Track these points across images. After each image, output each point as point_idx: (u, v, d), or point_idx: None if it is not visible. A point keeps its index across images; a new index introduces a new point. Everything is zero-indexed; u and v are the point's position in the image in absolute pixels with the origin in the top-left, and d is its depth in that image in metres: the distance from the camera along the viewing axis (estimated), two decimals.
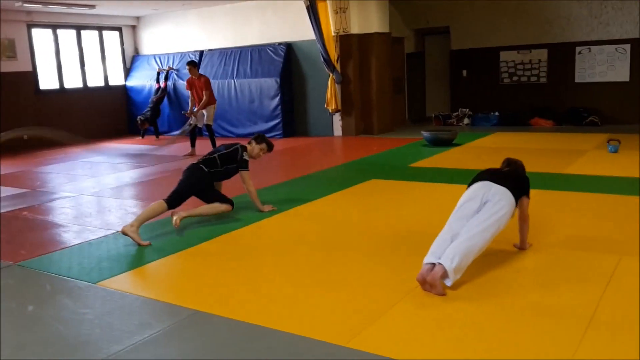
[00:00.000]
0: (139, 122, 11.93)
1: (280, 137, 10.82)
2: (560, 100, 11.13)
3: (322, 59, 10.48)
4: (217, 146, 5.26)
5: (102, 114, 12.84)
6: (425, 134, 8.97)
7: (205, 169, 5.02)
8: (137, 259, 4.12)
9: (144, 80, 13.03)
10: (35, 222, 5.36)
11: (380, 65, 10.65)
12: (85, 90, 12.56)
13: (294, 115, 11.37)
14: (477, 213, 3.45)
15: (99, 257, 4.22)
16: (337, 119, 10.94)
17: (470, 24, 11.90)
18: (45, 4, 10.39)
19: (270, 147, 5.53)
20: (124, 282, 3.65)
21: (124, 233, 4.39)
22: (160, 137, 12.07)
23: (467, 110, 11.91)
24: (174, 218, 4.65)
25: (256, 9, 11.51)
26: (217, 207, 4.98)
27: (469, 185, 3.77)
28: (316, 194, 5.88)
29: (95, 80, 12.78)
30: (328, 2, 10.33)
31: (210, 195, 5.01)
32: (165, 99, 12.47)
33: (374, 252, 4.01)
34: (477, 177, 3.77)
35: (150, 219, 4.61)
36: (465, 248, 3.24)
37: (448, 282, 3.18)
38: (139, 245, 4.37)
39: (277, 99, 11.06)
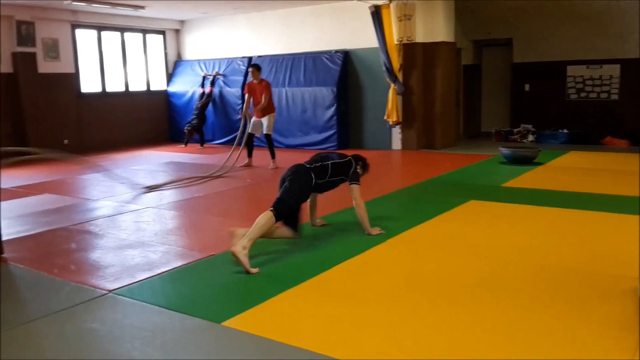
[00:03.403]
0: (187, 131, 11.37)
1: (334, 149, 10.19)
2: (634, 119, 10.45)
3: (383, 68, 9.87)
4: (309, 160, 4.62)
5: (144, 120, 12.30)
6: (504, 150, 8.31)
7: (314, 177, 4.38)
8: (255, 291, 3.47)
9: (186, 85, 12.48)
10: (109, 239, 4.73)
11: (445, 76, 10.04)
12: (127, 94, 12.02)
13: (349, 126, 10.75)
14: None
15: (208, 286, 3.59)
16: (396, 131, 10.31)
17: (536, 36, 11.27)
18: (95, 3, 9.87)
19: (367, 170, 4.97)
20: (254, 323, 3.00)
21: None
22: (205, 145, 11.50)
23: (530, 126, 11.25)
24: (241, 257, 3.73)
25: (311, 14, 10.95)
26: (285, 232, 4.27)
27: None
28: (415, 216, 5.23)
29: (137, 85, 12.24)
30: (392, 8, 9.74)
31: (297, 213, 4.36)
32: (210, 105, 11.91)
33: (539, 295, 3.33)
34: None
35: (261, 236, 3.98)
36: None
37: None
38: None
39: (332, 109, 10.46)
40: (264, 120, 8.51)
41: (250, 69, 8.57)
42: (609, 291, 3.31)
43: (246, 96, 8.63)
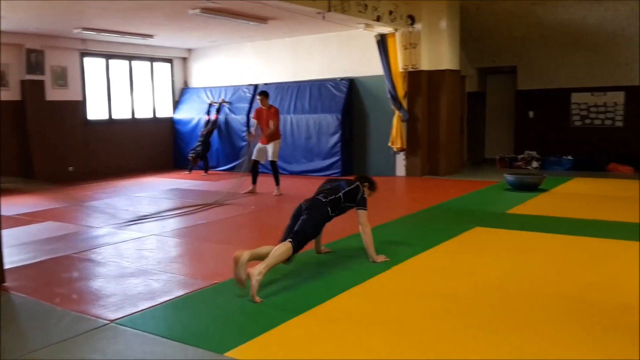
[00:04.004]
0: (191, 158, 11.42)
1: (338, 176, 10.18)
2: (638, 145, 10.43)
3: (388, 96, 9.93)
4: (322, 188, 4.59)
5: (149, 146, 12.37)
6: (509, 177, 8.29)
7: (329, 210, 4.38)
8: (258, 320, 3.42)
9: (192, 113, 12.58)
10: (111, 267, 4.71)
11: (450, 103, 10.08)
12: (133, 121, 12.11)
13: (353, 153, 10.77)
14: None
15: (211, 316, 3.55)
16: (400, 158, 10.32)
17: (540, 64, 11.35)
18: (104, 32, 10.01)
19: (375, 189, 4.96)
20: (258, 353, 2.96)
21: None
22: (209, 171, 11.53)
23: (535, 153, 11.24)
24: (254, 281, 3.73)
25: (318, 42, 11.07)
26: (288, 253, 4.06)
27: None
28: (420, 243, 5.19)
29: (143, 112, 12.35)
30: (397, 37, 9.84)
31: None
32: (216, 132, 11.97)
33: (544, 325, 3.27)
34: None
35: (276, 264, 3.96)
36: None
37: None
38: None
39: (337, 136, 10.50)
40: (270, 147, 8.53)
41: (258, 97, 8.62)
42: (614, 321, 3.25)
43: (253, 121, 8.69)
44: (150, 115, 12.51)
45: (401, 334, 3.16)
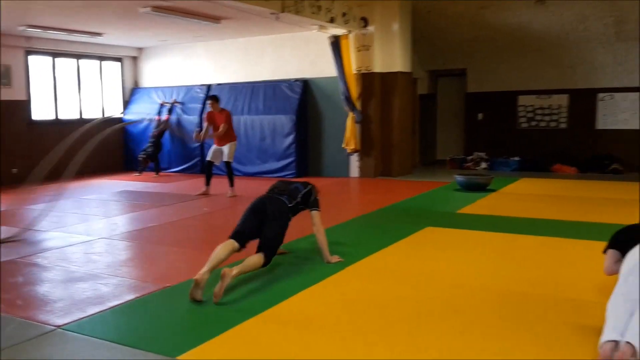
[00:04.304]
0: (141, 159, 11.20)
1: (292, 177, 10.19)
2: (582, 147, 10.86)
3: (342, 97, 10.01)
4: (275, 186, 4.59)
5: (98, 147, 11.97)
6: (459, 178, 8.49)
7: (291, 215, 4.39)
8: (211, 323, 3.38)
9: (142, 113, 12.32)
10: (57, 272, 4.57)
11: (402, 105, 10.23)
12: (81, 122, 11.71)
13: (307, 154, 10.80)
14: None
15: (163, 319, 3.50)
16: (354, 159, 10.41)
17: (489, 67, 11.66)
18: (50, 29, 9.70)
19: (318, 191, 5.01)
20: (211, 356, 2.93)
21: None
22: (160, 173, 11.33)
23: (483, 154, 11.54)
24: (227, 280, 3.72)
25: (271, 43, 11.04)
26: (259, 264, 4.06)
27: (617, 243, 3.27)
28: (373, 243, 5.26)
29: (91, 112, 12.02)
30: (351, 39, 9.93)
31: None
32: (167, 133, 11.78)
33: (495, 320, 3.38)
34: (628, 236, 3.27)
35: (217, 264, 3.93)
36: None
37: None
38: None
39: (291, 137, 10.50)
40: (225, 149, 8.45)
41: (209, 102, 8.54)
42: (559, 315, 3.38)
43: (205, 124, 8.60)
44: (99, 116, 12.19)
45: (353, 336, 3.19)
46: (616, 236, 3.47)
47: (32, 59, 10.84)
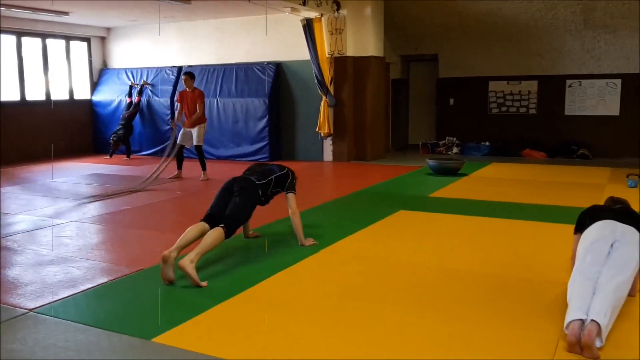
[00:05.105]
0: (112, 142, 11.01)
1: (266, 161, 10.16)
2: (550, 133, 11.08)
3: (315, 81, 9.98)
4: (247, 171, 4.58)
5: (66, 130, 11.80)
6: (431, 162, 8.59)
7: (261, 193, 4.37)
8: (186, 306, 3.39)
9: (112, 95, 12.11)
10: (28, 255, 4.49)
11: (375, 89, 10.27)
12: (48, 103, 11.49)
13: (281, 138, 10.77)
14: (609, 256, 3.02)
15: (136, 302, 3.48)
16: (328, 143, 10.43)
17: (460, 53, 11.75)
18: (15, 7, 9.40)
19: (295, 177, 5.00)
20: (186, 338, 2.93)
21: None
22: (132, 156, 11.17)
23: (455, 139, 11.68)
24: (189, 270, 3.63)
25: (243, 25, 10.93)
26: (220, 239, 3.97)
27: (581, 223, 3.37)
28: (347, 226, 5.30)
29: (59, 93, 11.74)
30: (324, 22, 9.89)
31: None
32: (138, 115, 11.60)
33: (465, 301, 3.45)
34: (593, 214, 3.36)
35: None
36: (614, 301, 2.77)
37: (599, 343, 2.68)
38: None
39: (264, 121, 10.44)
40: (194, 131, 8.35)
41: (183, 77, 8.44)
42: (532, 296, 3.48)
43: (177, 105, 8.49)
44: (67, 97, 11.93)
45: (327, 317, 3.22)
46: (579, 218, 3.56)
47: None
